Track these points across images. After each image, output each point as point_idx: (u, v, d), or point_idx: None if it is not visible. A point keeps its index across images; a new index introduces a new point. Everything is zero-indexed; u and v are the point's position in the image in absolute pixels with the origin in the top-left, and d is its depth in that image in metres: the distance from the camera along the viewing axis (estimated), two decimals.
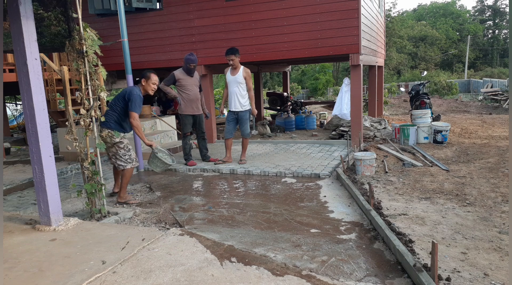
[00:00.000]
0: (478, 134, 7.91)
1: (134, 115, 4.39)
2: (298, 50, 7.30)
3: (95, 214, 3.87)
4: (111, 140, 4.42)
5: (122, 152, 4.48)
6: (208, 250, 2.99)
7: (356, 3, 6.79)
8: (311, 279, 2.55)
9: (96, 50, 3.80)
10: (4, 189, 5.14)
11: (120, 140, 4.45)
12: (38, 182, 3.48)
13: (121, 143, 4.46)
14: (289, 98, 12.04)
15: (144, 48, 8.37)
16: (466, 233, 3.28)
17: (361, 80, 7.18)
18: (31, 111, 3.36)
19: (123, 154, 4.48)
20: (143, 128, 7.74)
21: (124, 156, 4.49)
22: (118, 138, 4.43)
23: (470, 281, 2.53)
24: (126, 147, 4.49)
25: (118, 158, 4.49)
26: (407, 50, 39.31)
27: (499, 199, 4.11)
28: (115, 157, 4.51)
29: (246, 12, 7.49)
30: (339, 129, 8.41)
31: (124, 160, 4.49)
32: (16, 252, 3.06)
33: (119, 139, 4.44)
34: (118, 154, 4.48)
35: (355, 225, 3.58)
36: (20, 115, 15.62)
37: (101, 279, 2.59)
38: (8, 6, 3.22)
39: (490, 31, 51.41)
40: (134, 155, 4.56)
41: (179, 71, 6.01)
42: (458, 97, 21.74)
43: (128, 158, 4.51)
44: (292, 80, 32.85)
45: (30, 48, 3.29)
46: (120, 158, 4.48)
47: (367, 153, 5.59)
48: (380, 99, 11.41)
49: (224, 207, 4.27)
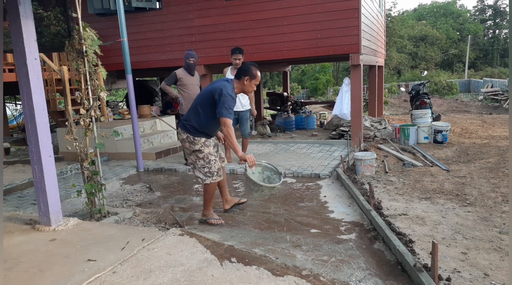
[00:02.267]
0: (478, 134, 7.90)
1: (225, 121, 3.42)
2: (298, 50, 7.29)
3: (95, 214, 3.86)
4: (190, 146, 3.66)
5: (201, 163, 3.67)
6: (208, 250, 2.99)
7: (356, 2, 6.78)
8: (311, 279, 2.55)
9: (96, 50, 3.79)
10: (4, 189, 5.14)
11: (200, 149, 3.63)
12: (38, 182, 3.47)
13: (201, 152, 3.64)
14: (289, 98, 12.04)
15: (144, 48, 8.36)
16: (466, 233, 3.28)
17: (361, 80, 7.17)
18: (30, 111, 3.36)
19: (202, 165, 3.68)
20: (143, 129, 7.75)
21: (203, 168, 3.67)
22: (198, 146, 3.63)
23: (470, 281, 2.53)
24: (206, 157, 3.64)
25: (196, 169, 3.74)
26: (407, 50, 39.30)
27: (499, 199, 4.11)
28: (194, 166, 3.77)
29: (246, 12, 7.49)
30: (339, 129, 8.40)
31: (203, 173, 3.69)
32: (16, 252, 3.06)
33: (199, 146, 3.63)
34: (196, 164, 3.72)
35: (355, 225, 3.57)
36: (20, 115, 15.62)
37: (101, 279, 2.58)
38: (8, 5, 3.22)
39: (490, 31, 51.40)
40: (216, 167, 3.70)
41: (180, 70, 6.00)
42: (458, 97, 21.72)
43: (208, 171, 3.66)
44: (292, 80, 32.83)
45: (30, 48, 3.29)
46: (199, 170, 3.71)
47: (367, 153, 5.58)
48: (380, 99, 11.40)
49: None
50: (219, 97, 3.43)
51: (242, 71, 3.57)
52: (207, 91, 3.58)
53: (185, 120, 3.68)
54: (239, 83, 3.59)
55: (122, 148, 7.05)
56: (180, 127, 3.70)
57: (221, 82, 3.54)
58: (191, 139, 3.62)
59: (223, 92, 3.41)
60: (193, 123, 3.62)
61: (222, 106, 3.41)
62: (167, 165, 6.32)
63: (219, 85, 3.47)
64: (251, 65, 3.58)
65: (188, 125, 3.64)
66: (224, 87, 3.45)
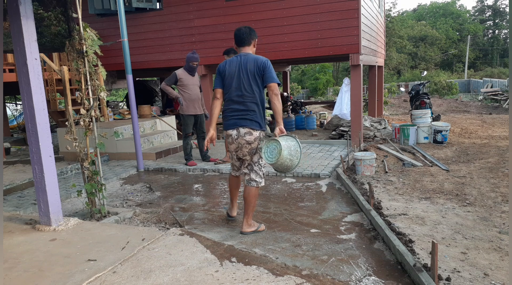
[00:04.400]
0: (478, 134, 7.91)
1: (276, 86, 3.19)
2: (298, 50, 7.30)
3: (95, 214, 3.86)
4: (258, 144, 3.27)
5: (262, 163, 3.36)
6: (208, 250, 2.99)
7: (356, 3, 6.79)
8: (311, 279, 2.55)
9: (96, 50, 3.79)
10: (4, 189, 5.14)
11: (261, 146, 3.27)
12: (38, 182, 3.48)
13: (261, 148, 3.25)
14: (289, 98, 12.03)
15: (144, 48, 8.37)
16: (466, 233, 3.28)
17: (361, 80, 7.18)
18: (31, 111, 3.36)
19: (263, 164, 3.37)
20: (143, 129, 7.75)
21: (263, 168, 3.38)
22: (263, 142, 3.29)
23: (470, 281, 2.53)
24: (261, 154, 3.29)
25: (255, 170, 3.34)
26: (407, 50, 39.30)
27: (499, 199, 4.11)
28: (251, 167, 3.35)
29: (246, 12, 7.49)
30: (339, 129, 8.41)
31: (261, 174, 3.37)
32: (16, 252, 3.06)
33: (263, 143, 3.28)
34: (255, 165, 3.35)
35: (355, 225, 3.58)
36: (20, 115, 15.62)
37: (101, 279, 2.59)
38: (8, 6, 3.22)
39: (490, 31, 51.40)
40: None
41: (180, 70, 6.01)
42: (458, 97, 21.74)
43: (264, 171, 3.41)
44: (292, 80, 32.83)
45: (30, 48, 3.29)
46: (256, 172, 3.34)
47: (367, 152, 5.59)
48: (380, 99, 11.40)
49: (224, 207, 4.27)
50: (265, 67, 3.21)
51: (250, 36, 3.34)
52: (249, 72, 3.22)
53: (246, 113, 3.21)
54: (253, 49, 3.40)
55: (122, 147, 7.06)
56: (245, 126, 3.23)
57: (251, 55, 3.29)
58: (262, 135, 3.28)
59: (267, 61, 3.23)
60: (256, 111, 3.24)
61: (272, 74, 3.21)
62: (167, 165, 6.32)
63: (259, 58, 3.25)
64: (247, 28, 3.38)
65: (254, 117, 3.22)
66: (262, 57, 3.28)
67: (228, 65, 3.33)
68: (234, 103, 3.29)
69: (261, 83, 3.28)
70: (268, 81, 3.23)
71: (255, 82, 3.25)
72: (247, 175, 3.41)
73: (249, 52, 3.38)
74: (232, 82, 3.28)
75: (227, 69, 3.31)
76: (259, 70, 3.24)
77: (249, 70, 3.24)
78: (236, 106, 3.28)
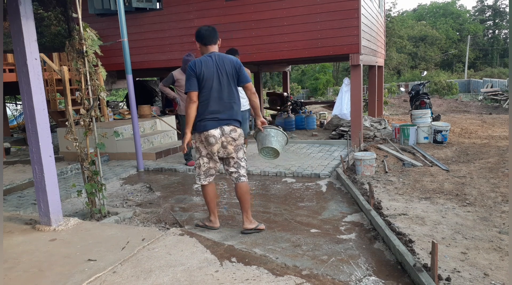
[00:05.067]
0: (478, 134, 7.91)
1: (252, 85, 3.44)
2: (298, 50, 7.30)
3: (95, 214, 3.86)
4: (241, 141, 3.43)
5: (245, 156, 3.53)
6: (208, 250, 2.99)
7: (356, 3, 6.79)
8: (311, 279, 2.55)
9: (96, 50, 3.79)
10: (4, 189, 5.14)
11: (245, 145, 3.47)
12: (38, 182, 3.48)
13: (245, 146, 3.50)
14: (289, 98, 12.04)
15: (144, 48, 8.37)
16: (466, 233, 3.28)
17: (361, 80, 7.18)
18: (31, 111, 3.36)
19: (245, 158, 3.53)
20: (143, 129, 7.75)
21: (246, 161, 3.53)
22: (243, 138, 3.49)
23: (470, 281, 2.53)
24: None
25: (242, 166, 3.46)
26: (407, 50, 39.30)
27: (499, 199, 4.11)
28: (239, 164, 3.44)
29: (246, 12, 7.49)
30: (339, 129, 8.41)
31: (246, 167, 3.52)
32: (16, 252, 3.06)
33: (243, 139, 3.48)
34: (243, 159, 3.48)
35: (355, 225, 3.58)
36: (20, 115, 15.62)
37: (101, 279, 2.58)
38: (8, 6, 3.22)
39: (490, 31, 51.39)
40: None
41: (177, 71, 6.01)
42: (458, 97, 21.74)
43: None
44: (292, 80, 32.83)
45: (30, 48, 3.29)
46: (245, 166, 3.50)
47: (367, 152, 5.59)
48: (380, 99, 11.41)
49: (224, 207, 4.27)
50: (240, 67, 3.36)
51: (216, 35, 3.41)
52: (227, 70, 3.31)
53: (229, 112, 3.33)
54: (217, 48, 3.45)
55: (122, 148, 7.06)
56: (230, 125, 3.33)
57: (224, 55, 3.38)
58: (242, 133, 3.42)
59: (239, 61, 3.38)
60: (237, 110, 3.38)
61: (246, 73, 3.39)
62: (167, 165, 6.32)
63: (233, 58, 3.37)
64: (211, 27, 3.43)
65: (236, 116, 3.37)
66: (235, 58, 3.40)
67: (204, 66, 3.27)
68: (215, 103, 3.29)
69: (236, 83, 3.40)
70: (245, 81, 3.39)
71: (233, 82, 3.36)
72: (235, 172, 3.44)
73: (216, 51, 3.41)
74: (212, 83, 3.28)
75: (204, 70, 3.26)
76: (235, 71, 3.34)
77: (227, 71, 3.31)
78: (217, 106, 3.29)
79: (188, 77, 3.29)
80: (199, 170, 3.45)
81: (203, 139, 3.32)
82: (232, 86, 3.35)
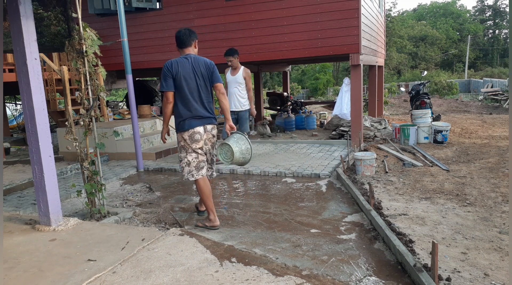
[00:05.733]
0: (478, 134, 7.91)
1: (222, 86, 3.60)
2: (298, 50, 7.30)
3: (95, 214, 3.86)
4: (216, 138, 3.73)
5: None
6: (208, 250, 2.99)
7: (356, 3, 6.78)
8: (311, 279, 2.55)
9: (96, 50, 3.79)
10: (4, 189, 5.14)
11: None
12: (38, 182, 3.47)
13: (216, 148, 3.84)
14: (289, 98, 12.03)
15: (144, 48, 8.36)
16: (466, 233, 3.28)
17: (361, 80, 7.17)
18: (30, 111, 3.36)
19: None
20: (143, 129, 7.75)
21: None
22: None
23: (470, 281, 2.53)
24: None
25: (213, 162, 3.82)
26: (407, 50, 39.31)
27: (499, 199, 4.11)
28: (212, 161, 3.80)
29: (246, 12, 7.49)
30: (339, 129, 8.40)
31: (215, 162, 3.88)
32: (16, 252, 3.06)
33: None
34: (215, 156, 3.82)
35: (355, 225, 3.57)
36: (20, 115, 15.62)
37: (101, 279, 2.58)
38: (8, 5, 3.22)
39: (490, 31, 51.39)
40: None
41: None
42: (458, 97, 21.73)
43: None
44: (292, 80, 32.83)
45: (30, 48, 3.29)
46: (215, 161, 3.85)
47: (367, 152, 5.59)
48: (380, 99, 11.40)
49: (224, 207, 4.27)
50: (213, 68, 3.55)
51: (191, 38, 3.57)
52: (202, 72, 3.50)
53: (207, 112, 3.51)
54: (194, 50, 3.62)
55: (122, 148, 7.05)
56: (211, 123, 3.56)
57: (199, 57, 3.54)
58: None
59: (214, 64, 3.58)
60: (211, 108, 3.57)
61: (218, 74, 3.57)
62: (167, 165, 6.32)
63: (207, 60, 3.56)
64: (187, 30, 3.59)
65: (213, 114, 3.58)
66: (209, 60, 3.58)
67: (180, 67, 3.44)
68: (195, 103, 3.48)
69: (210, 83, 3.58)
70: (216, 81, 3.56)
71: (208, 82, 3.55)
72: (210, 169, 3.79)
73: (192, 53, 3.58)
74: (189, 84, 3.45)
75: (181, 71, 3.43)
76: (209, 71, 3.53)
77: (202, 72, 3.50)
78: (196, 106, 3.48)
79: (164, 77, 3.47)
80: (190, 167, 3.59)
81: (188, 138, 3.48)
82: (208, 86, 3.56)
